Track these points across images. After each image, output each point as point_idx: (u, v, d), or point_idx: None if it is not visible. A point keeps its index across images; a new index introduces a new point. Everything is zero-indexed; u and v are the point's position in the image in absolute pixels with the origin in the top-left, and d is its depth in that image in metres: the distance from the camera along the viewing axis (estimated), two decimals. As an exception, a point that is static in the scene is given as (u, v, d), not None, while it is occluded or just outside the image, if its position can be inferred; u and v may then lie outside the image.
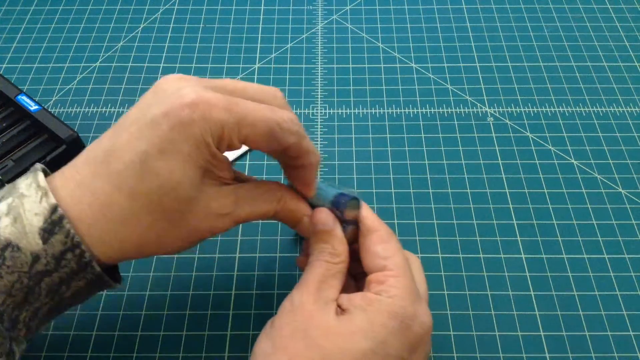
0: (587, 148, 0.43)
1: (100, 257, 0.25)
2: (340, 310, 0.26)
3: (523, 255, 0.37)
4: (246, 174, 0.34)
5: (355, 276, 0.30)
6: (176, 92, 0.25)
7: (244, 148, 0.42)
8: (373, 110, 0.45)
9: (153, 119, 0.24)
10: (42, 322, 0.26)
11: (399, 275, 0.26)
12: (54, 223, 0.24)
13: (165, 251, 0.27)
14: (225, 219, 0.27)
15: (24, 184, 0.25)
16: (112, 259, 0.26)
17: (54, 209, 0.24)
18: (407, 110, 0.45)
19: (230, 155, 0.42)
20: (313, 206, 0.30)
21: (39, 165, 0.26)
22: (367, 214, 0.29)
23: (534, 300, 0.35)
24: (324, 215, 0.29)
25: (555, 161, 0.42)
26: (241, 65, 0.48)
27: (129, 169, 0.24)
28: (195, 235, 0.27)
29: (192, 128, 0.24)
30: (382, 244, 0.28)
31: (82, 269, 0.24)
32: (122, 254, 0.25)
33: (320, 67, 0.48)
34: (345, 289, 0.28)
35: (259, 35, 0.51)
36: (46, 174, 0.26)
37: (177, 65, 0.48)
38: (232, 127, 0.25)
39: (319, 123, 0.44)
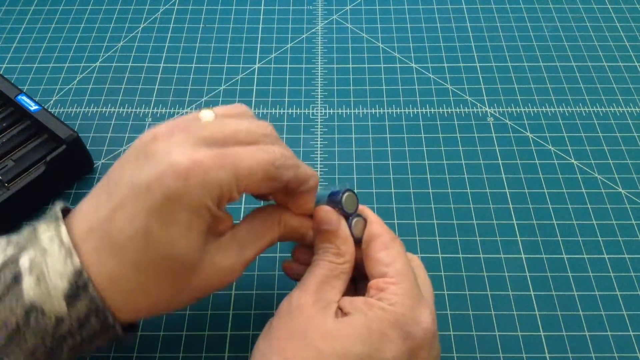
0: (587, 148, 0.43)
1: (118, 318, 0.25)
2: (341, 312, 0.26)
3: (523, 255, 0.37)
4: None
5: (354, 279, 0.30)
6: (166, 156, 0.23)
7: None
8: (373, 110, 0.45)
9: (148, 187, 0.23)
10: None
11: (400, 282, 0.26)
12: (79, 288, 0.23)
13: (178, 308, 0.27)
14: (234, 269, 0.26)
15: (46, 236, 0.24)
16: (128, 321, 0.25)
17: (79, 273, 0.23)
18: (407, 110, 0.45)
19: None
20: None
21: (59, 209, 0.25)
22: (371, 218, 0.29)
23: (534, 300, 0.35)
24: (327, 214, 0.28)
25: (555, 161, 0.42)
26: (241, 65, 0.48)
27: (132, 242, 0.23)
28: (206, 291, 0.26)
29: (190, 197, 0.23)
30: (384, 250, 0.28)
31: (105, 331, 0.24)
32: (135, 317, 0.26)
33: (320, 67, 0.48)
34: (345, 292, 0.28)
35: (259, 35, 0.51)
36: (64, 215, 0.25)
37: (177, 65, 0.48)
38: (230, 182, 0.24)
39: (319, 123, 0.44)
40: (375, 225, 0.29)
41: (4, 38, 0.51)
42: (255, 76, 0.48)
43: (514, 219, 0.39)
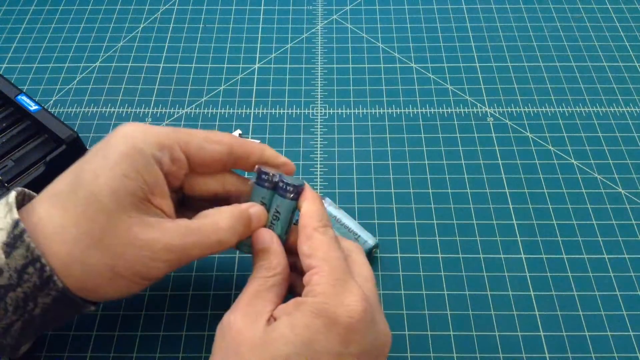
0: (587, 148, 0.43)
1: (63, 278, 0.25)
2: (274, 320, 0.26)
3: (523, 255, 0.37)
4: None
5: None
6: (123, 125, 0.27)
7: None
8: (373, 110, 0.45)
9: (98, 147, 0.27)
10: (18, 341, 0.26)
11: (321, 270, 0.26)
12: (16, 237, 0.24)
13: (94, 280, 0.26)
14: (154, 249, 0.25)
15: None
16: (73, 288, 0.25)
17: (15, 223, 0.24)
18: (407, 110, 0.45)
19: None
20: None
21: (20, 188, 0.27)
22: (303, 209, 0.29)
23: (534, 300, 0.35)
24: (262, 234, 0.29)
25: (555, 161, 0.42)
26: (241, 65, 0.48)
27: (67, 186, 0.26)
28: (122, 267, 0.25)
29: (123, 138, 0.26)
30: (306, 242, 0.27)
31: (45, 284, 0.25)
32: (73, 280, 0.25)
33: (320, 67, 0.48)
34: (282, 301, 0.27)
35: (259, 35, 0.51)
36: (31, 197, 0.28)
37: (177, 65, 0.48)
38: (168, 134, 0.27)
39: (319, 123, 0.44)
40: (303, 218, 0.28)
41: (4, 38, 0.51)
42: (255, 76, 0.48)
43: (514, 219, 0.39)
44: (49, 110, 0.43)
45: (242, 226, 0.28)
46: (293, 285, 0.29)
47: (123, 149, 0.26)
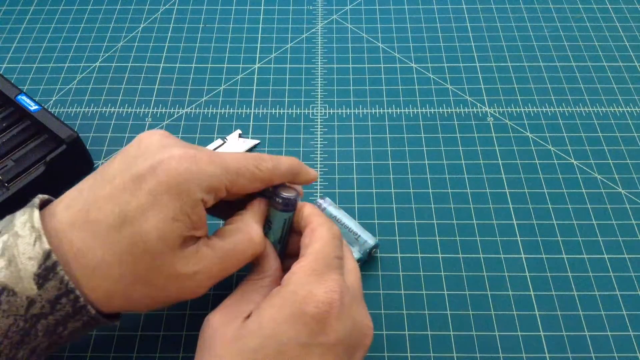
0: (587, 148, 0.43)
1: (98, 306, 0.25)
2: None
3: (523, 255, 0.37)
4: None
5: None
6: (162, 148, 0.25)
7: (254, 142, 0.42)
8: (373, 110, 0.45)
9: (139, 172, 0.25)
10: (41, 357, 0.26)
11: (303, 260, 0.26)
12: (48, 269, 0.24)
13: (135, 308, 0.26)
14: (197, 280, 0.26)
15: (20, 221, 0.25)
16: (104, 308, 0.26)
17: (47, 255, 0.24)
18: (407, 110, 0.45)
19: (244, 146, 0.42)
20: None
21: (37, 200, 0.26)
22: (309, 211, 0.29)
23: (534, 300, 0.35)
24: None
25: (555, 161, 0.42)
26: (241, 65, 0.48)
27: (108, 218, 0.24)
28: (164, 297, 0.26)
29: (182, 183, 0.24)
30: (309, 235, 0.28)
31: (78, 312, 0.25)
32: (109, 303, 0.25)
33: (320, 67, 0.48)
34: None
35: (259, 35, 0.51)
36: (45, 205, 0.26)
37: (177, 65, 0.48)
38: (220, 176, 0.26)
39: (319, 123, 0.44)
40: (309, 216, 0.29)
41: (4, 38, 0.51)
42: (255, 76, 0.48)
43: (514, 219, 0.39)
44: (49, 110, 0.43)
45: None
46: None
47: (174, 191, 0.24)
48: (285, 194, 0.29)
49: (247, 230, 0.28)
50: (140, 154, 0.25)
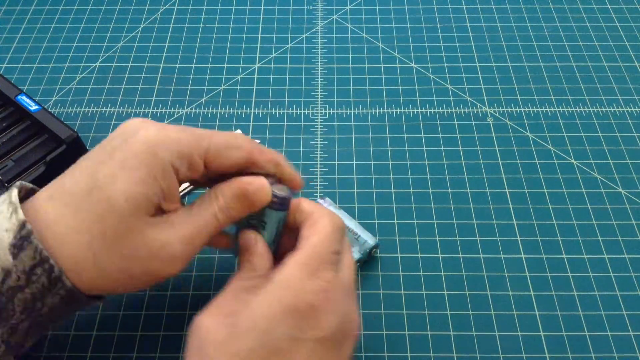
0: (587, 148, 0.43)
1: (72, 278, 0.25)
2: None
3: (523, 255, 0.37)
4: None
5: None
6: (138, 128, 0.26)
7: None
8: (373, 110, 0.45)
9: (113, 146, 0.26)
10: (25, 339, 0.26)
11: (299, 252, 0.26)
12: (23, 239, 0.24)
13: (111, 285, 0.26)
14: (171, 246, 0.26)
15: (0, 199, 0.25)
16: (80, 285, 0.25)
17: (22, 224, 0.24)
18: (407, 110, 0.45)
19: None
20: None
21: (18, 183, 0.27)
22: (308, 204, 0.29)
23: (534, 300, 0.35)
24: (247, 235, 0.28)
25: (555, 161, 0.42)
26: (241, 65, 0.48)
27: (80, 186, 0.25)
28: (139, 271, 0.26)
29: (150, 147, 0.25)
30: (310, 227, 0.27)
31: (54, 284, 0.25)
32: (82, 279, 0.25)
33: (320, 67, 0.48)
34: None
35: (259, 35, 0.51)
36: (34, 192, 0.27)
37: (177, 65, 0.48)
38: (190, 143, 0.26)
39: (319, 123, 0.44)
40: (308, 202, 0.29)
41: (4, 38, 0.51)
42: (255, 76, 0.48)
43: (514, 219, 0.39)
44: (49, 110, 0.43)
45: (238, 202, 0.28)
46: None
47: (143, 155, 0.25)
48: (280, 192, 0.28)
49: (213, 196, 0.28)
50: (118, 134, 0.27)
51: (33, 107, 0.40)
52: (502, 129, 0.44)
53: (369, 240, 0.35)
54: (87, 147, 0.41)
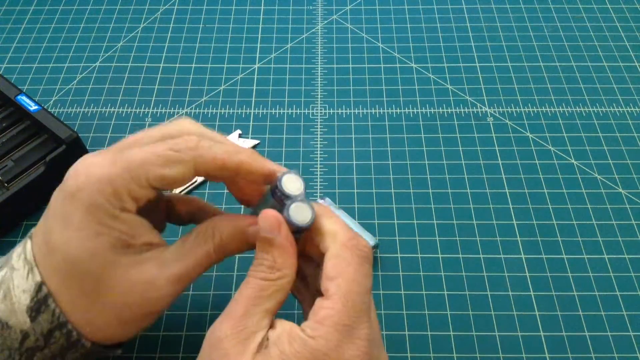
0: (587, 148, 0.43)
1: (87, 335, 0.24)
2: (267, 341, 0.22)
3: (523, 256, 0.37)
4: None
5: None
6: (71, 174, 0.24)
7: (253, 142, 0.42)
8: (373, 110, 0.45)
9: (54, 195, 0.25)
10: None
11: (334, 306, 0.22)
12: (40, 302, 0.23)
13: (121, 332, 0.25)
14: (157, 285, 0.24)
15: (16, 253, 0.25)
16: (97, 339, 0.25)
17: (39, 287, 0.23)
18: (407, 110, 0.45)
19: (244, 146, 0.41)
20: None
21: (33, 230, 0.26)
22: (321, 211, 0.25)
23: (533, 300, 0.35)
24: (266, 219, 0.24)
25: (555, 161, 0.42)
26: (241, 65, 0.48)
27: (40, 248, 0.24)
28: (129, 311, 0.24)
29: (81, 194, 0.23)
30: (333, 259, 0.23)
31: (73, 346, 0.24)
32: (94, 333, 0.25)
33: (320, 67, 0.48)
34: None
35: (259, 35, 0.51)
36: None
37: (177, 65, 0.48)
38: (122, 176, 0.23)
39: (319, 123, 0.44)
40: (328, 219, 0.24)
41: (4, 38, 0.51)
42: (255, 76, 0.48)
43: (514, 219, 0.39)
44: (49, 110, 0.43)
45: (238, 241, 0.26)
46: (297, 290, 0.27)
47: (81, 210, 0.23)
48: (298, 217, 0.24)
49: (210, 232, 0.25)
50: (60, 189, 0.25)
51: (33, 107, 0.40)
52: (502, 129, 0.44)
53: (369, 240, 0.35)
54: (87, 147, 0.41)
